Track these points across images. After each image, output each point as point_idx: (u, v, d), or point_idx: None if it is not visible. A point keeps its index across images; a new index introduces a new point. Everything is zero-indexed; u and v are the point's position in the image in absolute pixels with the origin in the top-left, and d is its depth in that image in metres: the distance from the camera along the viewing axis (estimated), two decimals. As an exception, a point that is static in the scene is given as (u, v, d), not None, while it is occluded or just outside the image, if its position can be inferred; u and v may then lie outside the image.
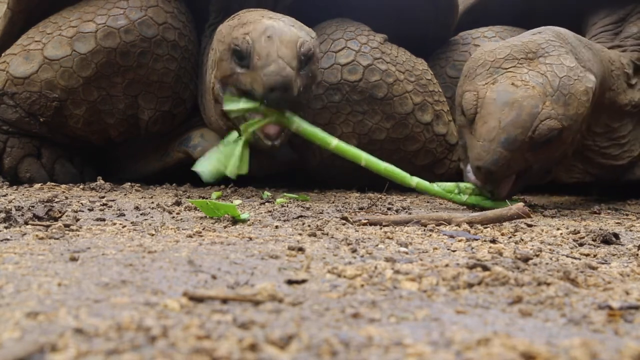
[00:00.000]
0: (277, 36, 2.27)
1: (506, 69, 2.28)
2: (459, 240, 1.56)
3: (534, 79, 2.22)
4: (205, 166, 2.19)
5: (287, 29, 2.32)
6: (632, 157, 2.76)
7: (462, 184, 2.34)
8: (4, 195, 2.27)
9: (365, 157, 2.25)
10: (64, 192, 2.49)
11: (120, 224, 1.64)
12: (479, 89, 2.28)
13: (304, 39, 2.34)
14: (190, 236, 1.50)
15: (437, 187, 2.32)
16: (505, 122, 2.16)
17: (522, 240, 1.60)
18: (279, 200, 2.35)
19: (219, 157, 2.22)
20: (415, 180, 2.26)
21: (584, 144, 2.62)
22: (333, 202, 2.41)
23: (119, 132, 2.87)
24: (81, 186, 2.70)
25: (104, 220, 1.74)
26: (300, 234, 1.58)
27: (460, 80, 2.43)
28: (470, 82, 2.33)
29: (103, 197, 2.29)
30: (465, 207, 2.34)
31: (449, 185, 2.33)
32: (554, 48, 2.32)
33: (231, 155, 2.24)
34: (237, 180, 2.87)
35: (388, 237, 1.57)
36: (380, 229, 1.73)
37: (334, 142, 2.27)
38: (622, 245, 1.63)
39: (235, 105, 2.36)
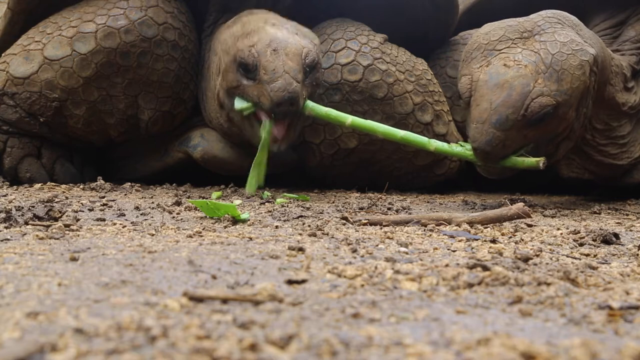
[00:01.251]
0: (282, 49, 2.33)
1: (500, 50, 2.31)
2: (459, 240, 1.56)
3: (526, 58, 2.25)
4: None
5: (291, 40, 2.38)
6: (632, 158, 2.75)
7: None
8: (4, 195, 2.27)
9: (381, 129, 2.36)
10: (64, 192, 2.49)
11: (120, 224, 1.64)
12: (473, 72, 2.32)
13: (308, 49, 2.40)
14: (190, 236, 1.50)
15: (455, 147, 2.34)
16: (496, 103, 2.20)
17: (522, 240, 1.60)
18: (279, 200, 2.35)
19: (252, 172, 2.38)
20: (433, 145, 2.32)
21: (584, 137, 2.62)
22: (333, 202, 2.41)
23: (119, 132, 2.87)
24: (81, 186, 2.70)
25: (104, 220, 1.74)
26: (300, 234, 1.58)
27: (460, 65, 2.46)
28: (467, 66, 2.37)
29: (103, 197, 2.29)
30: (466, 205, 2.34)
31: (468, 144, 2.33)
32: (550, 25, 2.34)
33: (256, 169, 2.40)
34: (237, 180, 2.88)
35: (388, 237, 1.57)
36: (381, 229, 1.73)
37: (349, 119, 2.38)
38: (622, 245, 1.62)
39: (245, 103, 2.42)
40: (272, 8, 2.80)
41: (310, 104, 2.41)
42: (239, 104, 2.43)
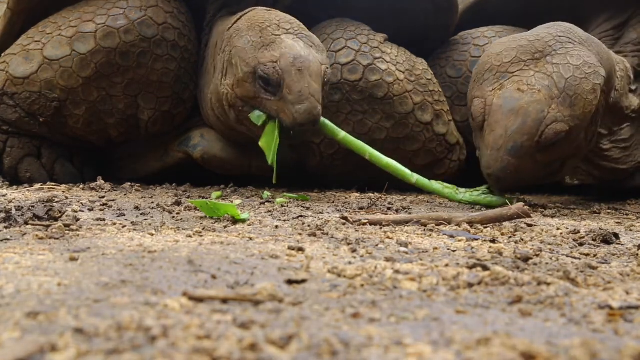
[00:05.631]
0: (306, 69, 2.37)
1: (512, 73, 2.30)
2: (459, 240, 1.56)
3: (539, 82, 2.24)
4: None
5: (312, 58, 2.43)
6: (636, 162, 2.76)
7: (461, 189, 2.46)
8: (4, 195, 2.27)
9: (370, 152, 2.47)
10: (64, 192, 2.49)
11: (120, 224, 1.64)
12: (486, 95, 2.31)
13: (326, 67, 2.48)
14: (190, 236, 1.50)
15: (436, 184, 2.45)
16: (511, 130, 2.20)
17: (522, 240, 1.60)
18: (279, 200, 2.35)
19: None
20: (415, 177, 2.43)
21: None
22: (333, 202, 2.41)
23: (119, 133, 2.87)
24: (81, 186, 2.70)
25: (104, 220, 1.74)
26: (300, 234, 1.58)
27: (470, 84, 2.47)
28: (479, 87, 2.36)
29: (103, 197, 2.29)
30: (466, 205, 2.35)
31: (449, 185, 2.47)
32: (561, 45, 2.33)
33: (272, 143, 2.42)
34: (237, 180, 2.88)
35: (388, 237, 1.57)
36: (380, 228, 1.73)
37: (341, 133, 2.49)
38: (622, 245, 1.63)
39: (260, 114, 2.45)
40: (272, 7, 2.79)
41: (328, 124, 2.47)
42: (254, 117, 2.45)
